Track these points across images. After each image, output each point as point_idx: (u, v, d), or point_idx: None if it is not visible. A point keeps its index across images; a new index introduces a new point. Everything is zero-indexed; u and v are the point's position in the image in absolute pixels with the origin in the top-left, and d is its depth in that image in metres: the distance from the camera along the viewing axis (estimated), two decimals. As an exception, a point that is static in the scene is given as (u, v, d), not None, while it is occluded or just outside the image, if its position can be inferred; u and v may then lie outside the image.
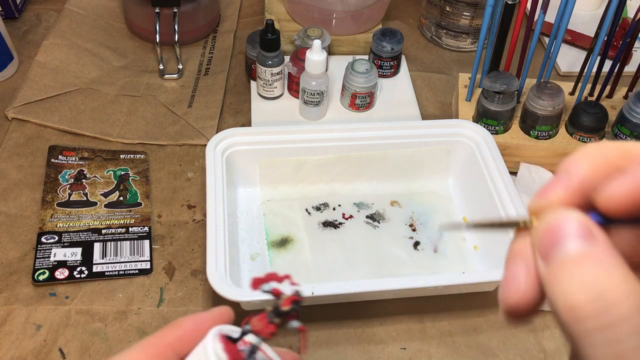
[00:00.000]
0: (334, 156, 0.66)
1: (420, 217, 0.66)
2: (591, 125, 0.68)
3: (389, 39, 0.78)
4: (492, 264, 0.61)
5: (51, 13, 0.89)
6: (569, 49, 0.89)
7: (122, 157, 0.70)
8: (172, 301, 0.58)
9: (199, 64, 0.83)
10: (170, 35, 0.79)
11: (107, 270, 0.59)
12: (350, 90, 0.74)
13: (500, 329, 0.58)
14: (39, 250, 0.59)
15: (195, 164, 0.71)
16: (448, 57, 0.89)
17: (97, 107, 0.75)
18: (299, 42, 0.78)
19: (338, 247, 0.62)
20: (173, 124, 0.74)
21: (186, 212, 0.66)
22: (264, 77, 0.74)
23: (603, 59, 0.69)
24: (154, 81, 0.80)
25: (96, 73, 0.80)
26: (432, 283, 0.53)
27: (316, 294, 0.51)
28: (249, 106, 0.77)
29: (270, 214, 0.65)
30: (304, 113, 0.74)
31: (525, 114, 0.69)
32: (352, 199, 0.67)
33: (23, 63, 0.81)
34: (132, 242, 0.62)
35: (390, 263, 0.61)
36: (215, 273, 0.51)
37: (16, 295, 0.57)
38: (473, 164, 0.65)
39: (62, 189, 0.66)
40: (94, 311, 0.57)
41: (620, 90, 0.74)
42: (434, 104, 0.81)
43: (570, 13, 0.64)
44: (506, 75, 0.67)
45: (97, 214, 0.64)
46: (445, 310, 0.59)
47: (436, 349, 0.56)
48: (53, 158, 0.69)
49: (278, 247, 0.62)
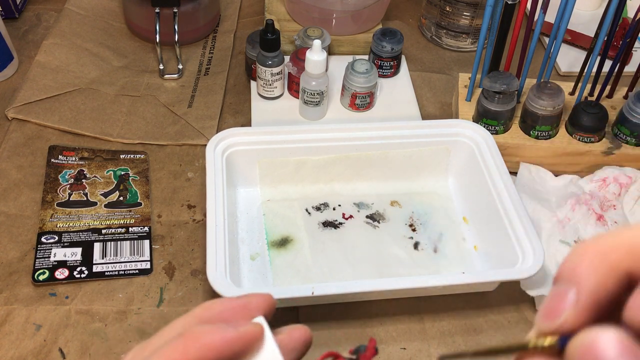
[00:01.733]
0: (334, 156, 0.66)
1: (420, 217, 0.66)
2: (591, 125, 0.68)
3: (389, 39, 0.78)
4: (492, 264, 0.61)
5: (51, 13, 0.89)
6: (569, 49, 0.89)
7: (122, 157, 0.70)
8: (172, 301, 0.58)
9: (199, 64, 0.83)
10: (170, 35, 0.79)
11: (107, 270, 0.59)
12: (350, 90, 0.74)
13: (500, 329, 0.58)
14: (39, 250, 0.59)
15: (195, 164, 0.71)
16: (448, 57, 0.89)
17: (97, 107, 0.75)
18: (299, 42, 0.78)
19: (338, 247, 0.62)
20: (173, 124, 0.74)
21: (186, 212, 0.66)
22: (264, 77, 0.74)
23: (603, 59, 0.69)
24: (154, 81, 0.80)
25: (96, 73, 0.80)
26: (432, 283, 0.53)
27: (316, 294, 0.51)
28: (249, 106, 0.77)
29: (270, 214, 0.65)
30: (304, 113, 0.74)
31: (525, 114, 0.69)
32: (352, 199, 0.67)
33: (23, 63, 0.81)
34: (132, 242, 0.62)
35: (390, 263, 0.61)
36: (215, 273, 0.51)
37: (16, 295, 0.57)
38: (473, 164, 0.65)
39: (62, 189, 0.66)
40: (94, 311, 0.57)
41: (620, 90, 0.74)
42: (434, 104, 0.81)
43: (570, 13, 0.64)
44: (506, 75, 0.67)
45: (97, 214, 0.64)
46: (445, 310, 0.59)
47: (436, 349, 0.56)
48: (53, 158, 0.69)
49: (278, 247, 0.62)
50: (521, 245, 0.56)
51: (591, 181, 0.67)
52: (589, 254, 0.21)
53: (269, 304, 0.33)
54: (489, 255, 0.62)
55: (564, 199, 0.65)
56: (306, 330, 0.33)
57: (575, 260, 0.22)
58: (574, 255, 0.22)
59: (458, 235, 0.64)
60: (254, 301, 0.32)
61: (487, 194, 0.62)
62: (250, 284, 0.59)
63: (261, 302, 0.32)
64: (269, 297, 0.33)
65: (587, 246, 0.22)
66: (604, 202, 0.65)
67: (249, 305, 0.32)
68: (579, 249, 0.22)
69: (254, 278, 0.59)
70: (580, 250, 0.22)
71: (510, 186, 0.60)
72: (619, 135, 0.69)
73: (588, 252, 0.21)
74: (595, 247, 0.21)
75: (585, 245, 0.22)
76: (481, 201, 0.63)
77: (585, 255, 0.21)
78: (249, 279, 0.59)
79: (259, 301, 0.32)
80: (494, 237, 0.61)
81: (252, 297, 0.33)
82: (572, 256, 0.22)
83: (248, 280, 0.59)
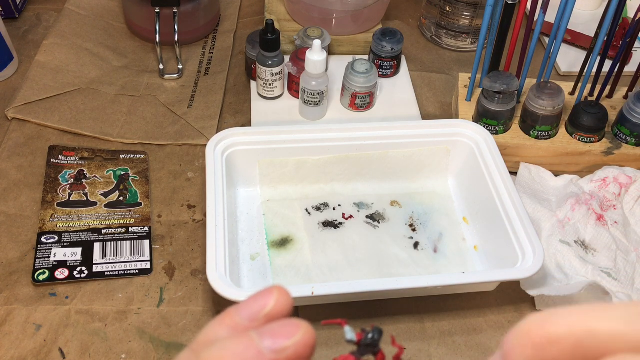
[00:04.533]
0: (334, 156, 0.66)
1: (420, 217, 0.66)
2: (591, 125, 0.68)
3: (389, 39, 0.78)
4: (492, 264, 0.61)
5: (51, 13, 0.89)
6: (569, 49, 0.89)
7: (122, 157, 0.70)
8: (172, 301, 0.58)
9: (199, 64, 0.83)
10: (170, 35, 0.79)
11: (107, 270, 0.59)
12: (350, 90, 0.74)
13: (500, 329, 0.58)
14: (39, 250, 0.59)
15: (195, 164, 0.71)
16: (448, 57, 0.89)
17: (97, 107, 0.75)
18: (299, 42, 0.78)
19: (338, 247, 0.62)
20: (173, 124, 0.74)
21: (186, 212, 0.66)
22: (264, 77, 0.74)
23: (603, 59, 0.69)
24: (154, 81, 0.80)
25: (96, 73, 0.80)
26: (432, 283, 0.53)
27: (316, 294, 0.51)
28: (249, 106, 0.77)
29: (270, 214, 0.65)
30: (304, 113, 0.74)
31: (525, 114, 0.69)
32: (352, 199, 0.67)
33: (23, 63, 0.81)
34: (132, 242, 0.62)
35: (390, 263, 0.61)
36: (215, 273, 0.51)
37: (16, 295, 0.57)
38: (473, 164, 0.65)
39: (62, 189, 0.66)
40: (94, 311, 0.57)
41: (620, 90, 0.74)
42: (434, 104, 0.81)
43: (570, 13, 0.64)
44: (506, 75, 0.67)
45: (97, 214, 0.64)
46: (445, 310, 0.59)
47: (436, 349, 0.56)
48: (53, 158, 0.69)
49: (278, 247, 0.62)
50: (521, 245, 0.56)
51: (591, 181, 0.67)
52: (528, 342, 0.19)
53: (288, 302, 0.24)
54: (489, 255, 0.62)
55: (564, 199, 0.65)
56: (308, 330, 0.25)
57: (515, 343, 0.19)
58: (517, 334, 0.19)
59: (458, 235, 0.64)
60: (271, 305, 0.24)
61: (487, 194, 0.62)
62: (250, 284, 0.59)
63: (282, 304, 0.24)
64: (282, 292, 0.25)
65: (530, 331, 0.19)
66: (604, 202, 0.65)
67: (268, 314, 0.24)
68: (523, 328, 0.19)
69: (254, 278, 0.59)
70: (523, 331, 0.19)
71: (510, 186, 0.60)
72: (619, 135, 0.69)
73: (528, 339, 0.19)
74: (537, 336, 0.18)
75: (529, 328, 0.19)
76: (481, 201, 0.63)
77: (525, 341, 0.19)
78: (249, 279, 0.59)
79: (280, 302, 0.24)
80: (494, 237, 0.61)
81: (264, 298, 0.24)
82: (515, 335, 0.19)
83: (248, 280, 0.59)
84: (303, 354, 0.23)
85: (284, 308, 0.24)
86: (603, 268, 0.60)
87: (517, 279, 0.54)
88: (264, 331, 0.23)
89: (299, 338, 0.23)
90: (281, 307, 0.24)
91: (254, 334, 0.23)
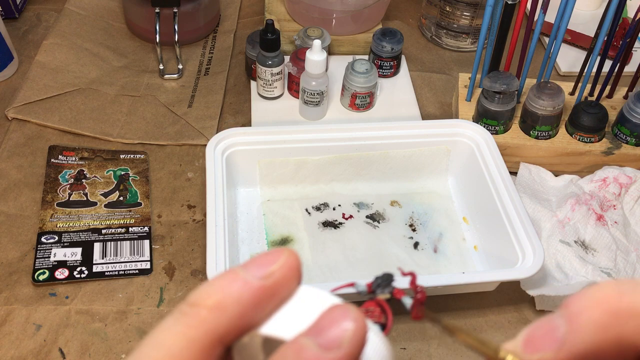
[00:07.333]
0: (334, 156, 0.66)
1: (420, 217, 0.66)
2: (591, 125, 0.68)
3: (389, 39, 0.78)
4: (492, 264, 0.61)
5: (51, 13, 0.89)
6: (569, 49, 0.89)
7: (122, 157, 0.70)
8: (172, 301, 0.58)
9: (199, 64, 0.83)
10: (170, 35, 0.79)
11: (107, 270, 0.59)
12: (350, 90, 0.74)
13: (500, 329, 0.58)
14: (39, 250, 0.59)
15: (195, 164, 0.71)
16: (448, 57, 0.89)
17: (97, 107, 0.75)
18: (299, 42, 0.78)
19: (338, 247, 0.62)
20: (173, 124, 0.74)
21: (186, 212, 0.66)
22: (264, 77, 0.74)
23: (603, 59, 0.69)
24: (154, 81, 0.80)
25: (96, 73, 0.80)
26: (432, 283, 0.53)
27: (316, 294, 0.51)
28: (249, 106, 0.77)
29: (270, 214, 0.65)
30: (304, 113, 0.74)
31: (525, 114, 0.69)
32: (352, 199, 0.67)
33: (23, 63, 0.81)
34: (132, 242, 0.62)
35: (390, 263, 0.61)
36: (215, 273, 0.51)
37: (16, 295, 0.57)
38: (473, 164, 0.65)
39: (62, 189, 0.66)
40: (94, 311, 0.57)
41: (620, 90, 0.74)
42: (434, 104, 0.81)
43: (570, 13, 0.64)
44: (506, 75, 0.67)
45: (97, 214, 0.64)
46: (445, 310, 0.59)
47: (436, 349, 0.56)
48: (53, 158, 0.69)
49: (278, 247, 0.62)
50: (521, 245, 0.56)
51: (591, 181, 0.67)
52: (602, 308, 0.19)
53: (297, 264, 0.24)
54: (489, 255, 0.62)
55: (564, 199, 0.65)
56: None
57: (586, 305, 0.20)
58: (589, 297, 0.20)
59: (458, 235, 0.64)
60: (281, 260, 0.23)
61: (487, 194, 0.62)
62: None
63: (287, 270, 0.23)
64: (292, 252, 0.24)
65: (607, 298, 0.19)
66: (604, 202, 0.65)
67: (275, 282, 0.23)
68: (597, 294, 0.19)
69: (254, 278, 0.59)
70: (597, 297, 0.19)
71: (510, 186, 0.60)
72: (619, 135, 0.69)
73: (603, 305, 0.19)
74: (615, 304, 0.19)
75: (605, 295, 0.19)
76: (481, 201, 0.63)
77: (599, 307, 0.19)
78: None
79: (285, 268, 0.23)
80: (494, 237, 0.61)
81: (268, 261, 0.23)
82: (587, 298, 0.20)
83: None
84: (290, 277, 0.23)
85: (293, 267, 0.23)
86: (603, 268, 0.60)
87: (517, 279, 0.54)
88: (247, 264, 0.23)
89: (283, 261, 0.23)
90: (290, 266, 0.23)
91: (238, 268, 0.23)
